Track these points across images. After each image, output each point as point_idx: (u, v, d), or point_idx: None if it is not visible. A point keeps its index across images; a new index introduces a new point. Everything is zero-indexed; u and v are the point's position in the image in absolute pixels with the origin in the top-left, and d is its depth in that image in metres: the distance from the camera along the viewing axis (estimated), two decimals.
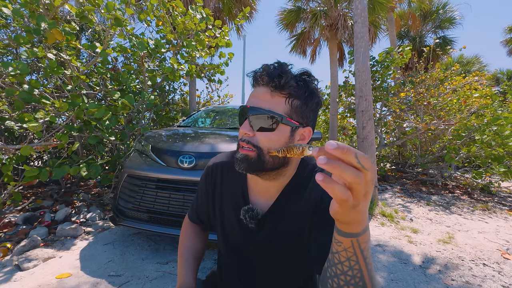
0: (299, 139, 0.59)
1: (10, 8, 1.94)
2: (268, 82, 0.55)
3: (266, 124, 0.55)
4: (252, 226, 0.64)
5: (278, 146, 0.55)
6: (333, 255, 0.41)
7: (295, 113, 0.56)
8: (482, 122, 3.99)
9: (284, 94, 0.55)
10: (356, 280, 0.40)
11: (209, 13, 3.22)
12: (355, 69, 3.18)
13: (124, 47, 2.74)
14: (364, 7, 3.11)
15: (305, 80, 0.57)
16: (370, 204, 2.96)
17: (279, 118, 0.54)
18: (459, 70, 7.44)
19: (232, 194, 0.70)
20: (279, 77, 0.54)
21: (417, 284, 1.58)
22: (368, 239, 0.39)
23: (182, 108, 5.39)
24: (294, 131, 0.57)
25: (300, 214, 0.61)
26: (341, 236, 0.38)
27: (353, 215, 0.34)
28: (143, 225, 1.69)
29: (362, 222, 0.36)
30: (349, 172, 0.28)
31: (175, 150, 1.78)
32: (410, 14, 9.55)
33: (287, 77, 0.54)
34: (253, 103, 0.56)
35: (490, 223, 2.80)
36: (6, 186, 2.13)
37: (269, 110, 0.54)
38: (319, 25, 6.09)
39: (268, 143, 0.55)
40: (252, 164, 0.57)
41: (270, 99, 0.55)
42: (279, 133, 0.55)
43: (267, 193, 0.66)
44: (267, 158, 0.56)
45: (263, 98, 0.56)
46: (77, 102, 2.10)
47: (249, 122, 0.56)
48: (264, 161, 0.56)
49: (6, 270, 1.55)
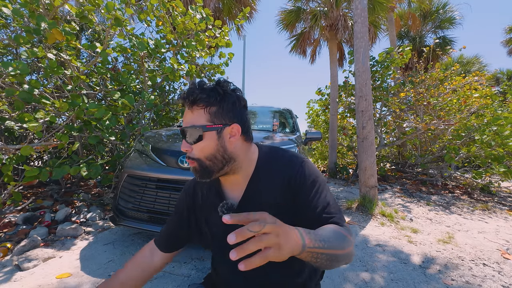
0: (229, 136, 0.66)
1: (10, 8, 1.94)
2: (184, 102, 0.65)
3: (195, 137, 0.64)
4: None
5: (212, 150, 0.64)
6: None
7: (216, 118, 0.64)
8: (482, 122, 3.99)
9: (201, 106, 0.64)
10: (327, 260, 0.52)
11: (209, 13, 3.22)
12: (355, 69, 3.18)
13: (124, 47, 2.74)
14: (364, 7, 3.11)
15: (215, 88, 0.65)
16: (370, 204, 2.96)
17: (199, 128, 0.63)
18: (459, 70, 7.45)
19: (210, 199, 0.78)
20: (191, 95, 0.63)
21: (417, 284, 1.58)
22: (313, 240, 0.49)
23: (182, 108, 5.39)
24: (220, 133, 0.65)
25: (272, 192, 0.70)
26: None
27: (285, 255, 0.44)
28: (143, 225, 1.69)
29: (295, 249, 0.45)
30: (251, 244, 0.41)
31: (175, 150, 1.78)
32: (410, 14, 9.55)
33: (196, 93, 0.63)
34: (183, 123, 0.66)
35: (490, 223, 2.80)
36: (6, 186, 2.13)
37: (191, 125, 0.64)
38: (319, 26, 6.09)
39: (202, 152, 0.64)
40: (200, 172, 0.66)
41: (192, 115, 0.65)
42: (207, 139, 0.64)
43: (238, 185, 0.73)
44: (207, 163, 0.65)
45: (187, 116, 0.65)
46: (77, 102, 2.10)
47: (185, 140, 0.65)
48: (207, 167, 0.65)
49: (6, 270, 1.55)
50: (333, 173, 5.97)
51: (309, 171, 0.70)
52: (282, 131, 2.77)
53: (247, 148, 0.71)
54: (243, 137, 0.69)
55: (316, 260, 0.51)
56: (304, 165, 0.71)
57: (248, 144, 0.72)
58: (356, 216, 2.88)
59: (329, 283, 1.55)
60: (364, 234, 2.39)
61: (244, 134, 0.69)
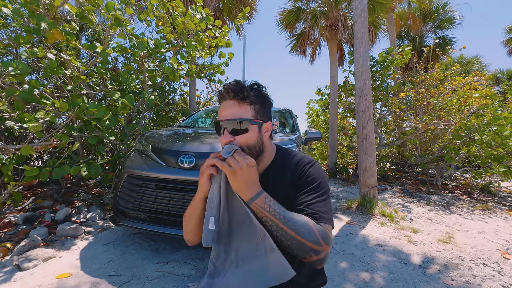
0: (265, 131, 0.79)
1: (10, 8, 1.94)
2: (234, 96, 0.73)
3: (241, 128, 0.73)
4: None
5: (253, 141, 0.74)
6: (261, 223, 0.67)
7: (258, 114, 0.76)
8: (482, 122, 3.99)
9: (248, 103, 0.74)
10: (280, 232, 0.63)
11: (209, 13, 3.22)
12: (355, 69, 3.18)
13: (124, 47, 2.74)
14: (364, 7, 3.11)
15: (258, 89, 0.77)
16: (370, 204, 2.97)
17: (247, 121, 0.73)
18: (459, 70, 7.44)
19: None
20: (242, 91, 0.72)
21: (417, 284, 1.59)
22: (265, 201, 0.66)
23: (182, 108, 5.39)
24: (260, 127, 0.77)
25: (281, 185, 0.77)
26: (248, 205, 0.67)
27: (236, 185, 0.66)
28: (143, 225, 1.69)
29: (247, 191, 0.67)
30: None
31: (175, 150, 1.78)
32: (410, 14, 9.54)
33: (247, 90, 0.73)
34: (227, 115, 0.73)
35: (490, 223, 2.81)
36: (6, 186, 2.13)
37: (239, 118, 0.72)
38: (319, 26, 6.09)
39: (245, 142, 0.73)
40: None
41: (239, 109, 0.73)
42: (252, 132, 0.74)
43: None
44: (247, 152, 0.74)
45: (234, 109, 0.73)
46: (77, 102, 2.10)
47: (228, 131, 0.73)
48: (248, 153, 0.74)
49: (6, 270, 1.55)
50: (333, 173, 5.97)
51: (314, 171, 0.76)
52: (282, 131, 2.77)
53: (271, 144, 0.84)
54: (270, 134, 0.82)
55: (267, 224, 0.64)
56: (312, 166, 0.78)
57: (271, 140, 0.84)
58: (356, 216, 2.88)
59: (329, 283, 1.55)
60: (364, 234, 2.39)
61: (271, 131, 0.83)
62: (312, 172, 0.76)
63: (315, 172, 0.76)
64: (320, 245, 0.62)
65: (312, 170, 0.76)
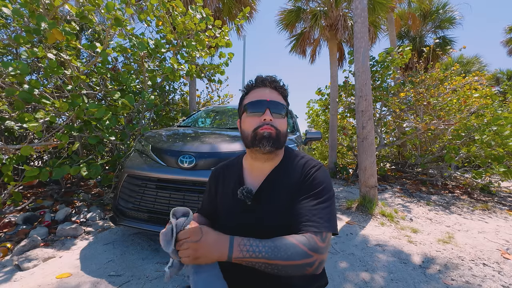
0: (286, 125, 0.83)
1: (10, 8, 1.94)
2: (273, 85, 0.80)
3: (282, 113, 0.77)
4: (249, 203, 0.77)
5: (286, 128, 0.79)
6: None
7: (287, 105, 0.82)
8: (482, 122, 3.99)
9: (282, 93, 0.82)
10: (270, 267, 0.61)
11: (209, 13, 3.22)
12: (355, 69, 3.18)
13: (124, 47, 2.74)
14: (364, 7, 3.11)
15: (283, 84, 0.84)
16: (370, 204, 2.97)
17: (287, 109, 0.80)
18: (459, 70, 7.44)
19: (230, 185, 0.85)
20: (277, 82, 0.81)
21: (417, 284, 1.58)
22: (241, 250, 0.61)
23: (182, 108, 5.39)
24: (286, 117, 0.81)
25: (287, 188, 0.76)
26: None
27: (203, 261, 0.62)
28: (143, 225, 1.69)
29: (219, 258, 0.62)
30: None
31: (175, 150, 1.78)
32: (410, 14, 9.53)
33: (282, 84, 0.83)
34: (269, 97, 0.77)
35: (490, 223, 2.81)
36: (6, 186, 2.13)
37: (281, 103, 0.78)
38: (319, 25, 6.08)
39: (282, 126, 0.77)
40: (274, 140, 0.74)
41: (278, 96, 0.79)
42: (286, 119, 0.79)
43: (262, 172, 0.81)
44: (282, 138, 0.76)
45: (273, 94, 0.78)
46: (77, 102, 2.10)
47: (270, 111, 0.75)
48: (280, 139, 0.76)
49: (6, 270, 1.55)
50: (333, 173, 5.97)
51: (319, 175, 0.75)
52: None
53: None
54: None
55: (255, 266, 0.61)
56: (318, 170, 0.77)
57: None
58: (356, 216, 2.88)
59: (329, 283, 1.55)
60: (364, 234, 2.39)
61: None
62: (317, 176, 0.74)
63: (320, 176, 0.74)
64: (310, 257, 0.61)
65: (318, 174, 0.75)
